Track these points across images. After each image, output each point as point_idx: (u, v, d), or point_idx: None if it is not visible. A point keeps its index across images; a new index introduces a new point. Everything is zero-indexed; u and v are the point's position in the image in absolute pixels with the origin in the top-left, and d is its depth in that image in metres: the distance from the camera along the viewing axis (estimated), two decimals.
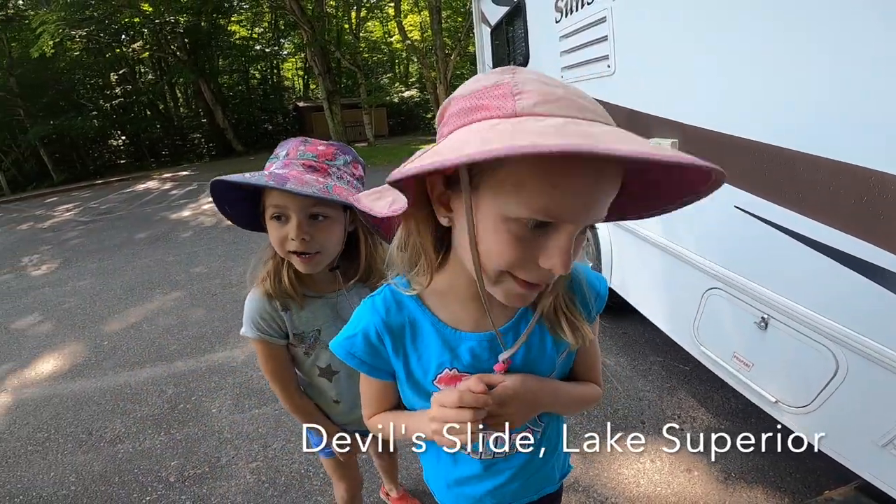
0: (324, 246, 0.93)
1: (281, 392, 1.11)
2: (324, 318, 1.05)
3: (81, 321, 3.98)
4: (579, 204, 0.45)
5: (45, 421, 2.61)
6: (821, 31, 1.23)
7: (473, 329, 0.67)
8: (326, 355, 1.08)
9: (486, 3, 4.96)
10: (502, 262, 0.50)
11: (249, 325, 1.02)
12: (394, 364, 0.71)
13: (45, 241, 7.47)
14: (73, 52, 17.61)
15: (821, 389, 1.38)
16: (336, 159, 0.93)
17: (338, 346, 0.72)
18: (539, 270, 0.50)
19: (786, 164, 1.36)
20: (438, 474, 0.86)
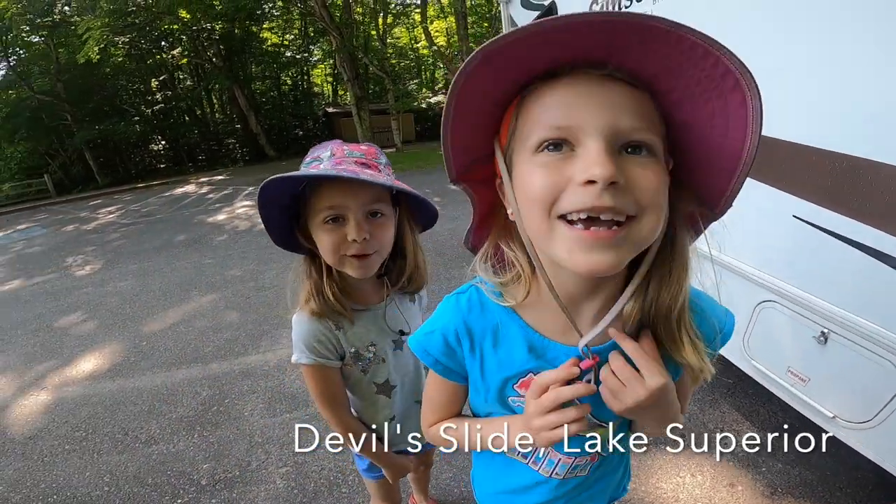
0: (381, 245, 0.91)
1: (333, 416, 1.04)
2: (376, 330, 1.02)
3: (122, 321, 4.12)
4: (586, 110, 0.46)
5: (83, 420, 2.69)
6: (880, 32, 1.15)
7: (564, 340, 0.63)
8: (384, 370, 1.05)
9: (516, 8, 4.91)
10: (537, 193, 0.48)
11: (303, 350, 0.95)
12: (468, 366, 0.70)
13: (90, 242, 7.81)
14: (116, 58, 18.46)
15: (884, 405, 1.33)
16: (380, 157, 0.92)
17: (415, 341, 0.72)
18: (583, 191, 0.45)
19: (847, 170, 1.28)
20: (488, 481, 0.85)
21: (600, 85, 0.47)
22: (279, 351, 3.19)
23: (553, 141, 0.47)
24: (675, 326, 0.58)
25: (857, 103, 1.25)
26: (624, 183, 0.45)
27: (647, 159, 0.47)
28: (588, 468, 0.74)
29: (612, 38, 0.44)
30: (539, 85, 0.50)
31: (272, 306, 4.02)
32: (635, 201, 0.47)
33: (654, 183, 0.47)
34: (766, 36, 1.54)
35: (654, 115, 0.49)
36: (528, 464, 0.75)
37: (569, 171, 0.46)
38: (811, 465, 1.84)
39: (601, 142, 0.45)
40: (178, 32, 18.20)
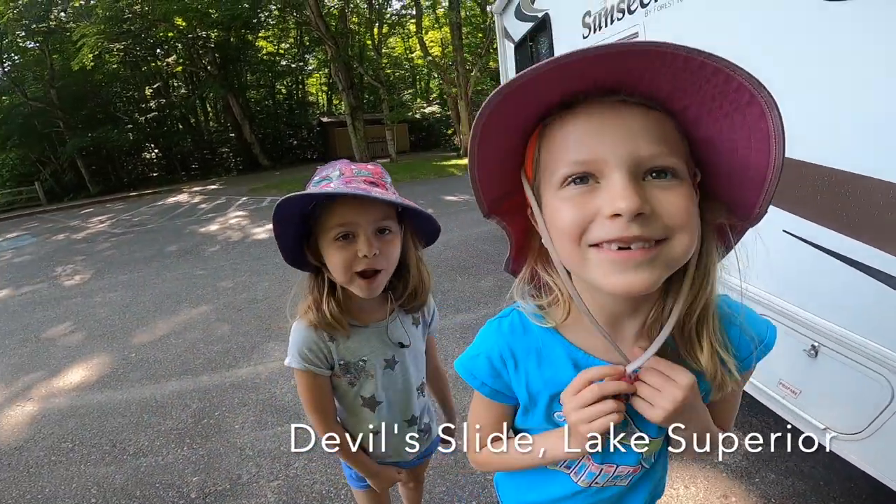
0: (389, 261, 0.93)
1: (320, 423, 1.07)
2: (370, 348, 1.04)
3: (111, 332, 4.07)
4: (606, 142, 0.47)
5: (70, 431, 2.64)
6: (875, 47, 1.18)
7: (608, 358, 0.64)
8: (371, 385, 1.06)
9: (510, 19, 4.98)
10: (566, 228, 0.51)
11: (295, 356, 1.00)
12: (514, 387, 0.71)
13: (79, 251, 7.74)
14: (111, 65, 18.43)
15: (875, 417, 1.34)
16: (385, 177, 0.94)
17: (461, 365, 0.74)
18: (610, 223, 0.47)
19: (837, 186, 1.30)
20: (518, 489, 0.85)
21: (616, 112, 0.48)
22: (270, 364, 3.16)
23: (577, 175, 0.49)
24: (694, 332, 0.58)
25: (846, 118, 1.28)
26: (650, 210, 0.47)
27: (671, 182, 0.48)
28: (629, 479, 0.74)
29: (620, 65, 0.45)
30: (557, 116, 0.51)
31: (264, 318, 3.99)
32: (664, 226, 0.48)
33: (681, 206, 0.48)
34: (752, 50, 1.57)
35: (674, 134, 0.50)
36: (568, 473, 0.75)
37: (595, 203, 0.48)
38: (804, 476, 1.84)
39: (624, 173, 0.46)
40: (173, 40, 18.24)
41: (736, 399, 0.73)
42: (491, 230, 6.24)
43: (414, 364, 1.11)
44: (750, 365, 0.64)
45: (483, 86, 20.49)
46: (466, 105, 16.43)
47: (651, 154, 0.47)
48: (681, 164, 0.49)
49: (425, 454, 1.30)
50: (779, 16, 1.46)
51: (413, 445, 1.18)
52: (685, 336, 0.59)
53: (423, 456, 1.31)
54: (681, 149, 0.50)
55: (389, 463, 1.21)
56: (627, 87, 0.47)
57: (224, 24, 16.84)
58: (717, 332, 0.59)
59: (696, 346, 0.58)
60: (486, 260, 5.02)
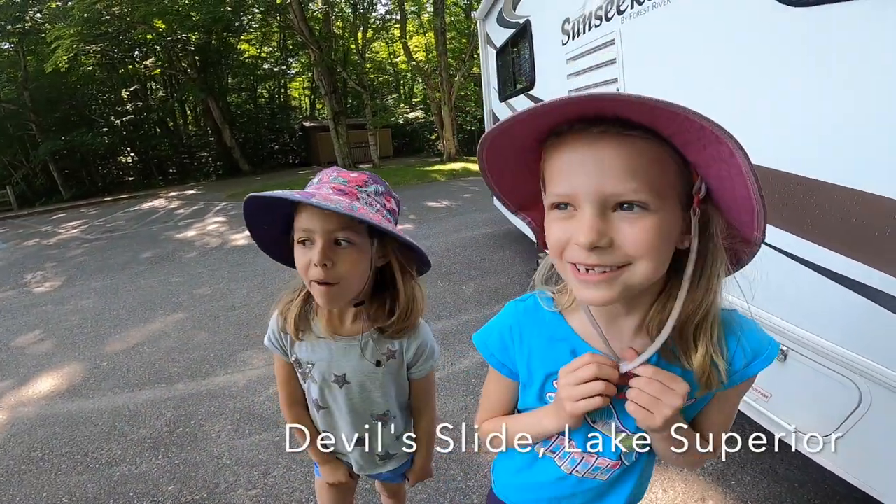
0: (345, 276, 0.88)
1: (282, 400, 1.15)
2: (318, 357, 1.03)
3: (82, 340, 3.95)
4: (580, 178, 0.54)
5: (40, 440, 2.56)
6: (832, 55, 1.22)
7: (601, 347, 0.69)
8: (315, 389, 1.06)
9: (492, 25, 5.03)
10: (552, 243, 0.60)
11: (267, 336, 1.08)
12: (518, 362, 0.78)
13: (50, 258, 7.50)
14: (86, 68, 17.95)
15: (843, 420, 1.36)
16: (367, 186, 0.91)
17: (477, 337, 0.82)
18: (577, 248, 0.55)
19: (802, 192, 1.34)
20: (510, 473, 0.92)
21: (593, 148, 0.53)
22: (248, 371, 3.11)
23: (560, 204, 0.58)
24: (691, 334, 0.63)
25: (806, 126, 1.32)
26: (608, 242, 0.54)
27: (637, 215, 0.53)
28: (608, 474, 0.79)
29: (594, 106, 0.51)
30: (553, 140, 0.58)
31: (242, 326, 3.92)
32: (624, 254, 0.54)
33: (641, 238, 0.53)
34: (724, 53, 1.61)
35: (656, 163, 0.53)
36: (553, 458, 0.81)
37: (571, 228, 0.56)
38: (779, 478, 1.87)
39: (592, 208, 0.53)
40: (151, 42, 17.87)
41: (730, 410, 0.75)
42: (473, 236, 6.26)
43: (370, 391, 1.05)
44: (744, 376, 0.68)
45: (466, 91, 20.62)
46: (450, 110, 16.51)
47: (618, 192, 0.52)
48: (650, 196, 0.53)
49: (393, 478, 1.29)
50: (744, 21, 1.51)
51: (362, 459, 1.16)
52: (683, 337, 0.64)
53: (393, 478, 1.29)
54: (661, 176, 0.54)
55: (346, 462, 1.22)
56: (608, 116, 0.52)
57: (205, 27, 16.57)
58: (714, 337, 0.64)
59: (692, 348, 0.63)
60: (469, 266, 5.02)
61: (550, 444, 0.81)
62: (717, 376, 0.64)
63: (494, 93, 5.30)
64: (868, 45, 1.13)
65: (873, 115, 1.15)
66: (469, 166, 15.05)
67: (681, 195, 0.56)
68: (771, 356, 0.68)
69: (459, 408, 2.51)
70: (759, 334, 0.69)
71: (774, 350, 0.69)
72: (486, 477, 2.00)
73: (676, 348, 0.65)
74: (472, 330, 3.15)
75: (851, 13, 1.15)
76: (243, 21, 18.20)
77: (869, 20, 1.11)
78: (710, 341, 0.63)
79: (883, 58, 1.10)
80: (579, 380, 0.64)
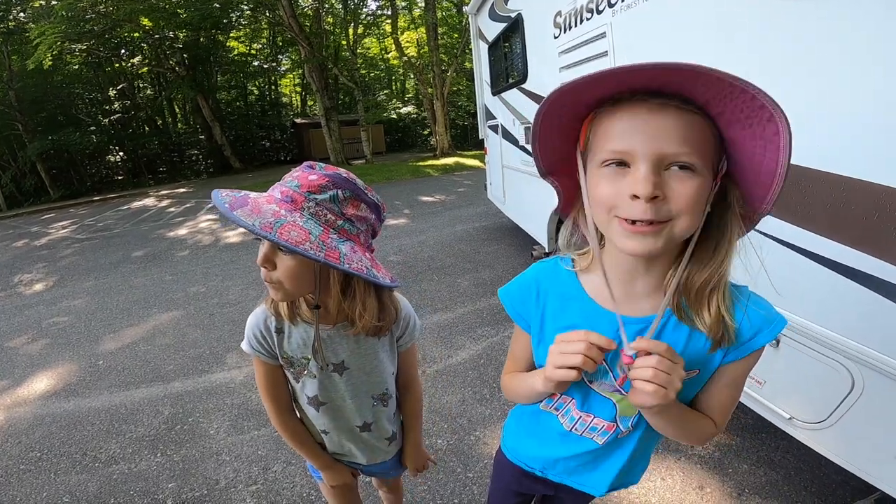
0: (284, 279, 0.86)
1: (270, 410, 1.10)
2: (313, 349, 1.00)
3: (76, 340, 3.92)
4: (639, 138, 0.59)
5: (37, 440, 2.55)
6: (822, 44, 1.23)
7: (610, 307, 0.73)
8: (313, 385, 1.04)
9: (483, 20, 5.02)
10: (602, 199, 0.64)
11: (246, 339, 1.02)
12: (533, 315, 0.83)
13: (41, 258, 7.41)
14: (72, 66, 17.66)
15: (836, 405, 1.37)
16: (321, 193, 0.82)
17: (503, 290, 0.88)
18: (632, 204, 0.60)
19: (794, 180, 1.35)
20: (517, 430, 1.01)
21: (652, 114, 0.58)
22: (245, 368, 3.11)
23: (615, 160, 0.62)
24: (706, 298, 0.69)
25: (801, 114, 1.33)
26: (663, 196, 0.59)
27: (685, 174, 0.59)
28: (604, 437, 0.84)
29: (661, 76, 0.56)
30: (608, 108, 0.62)
31: (238, 323, 3.91)
32: (669, 210, 0.60)
33: (689, 195, 0.59)
34: (712, 46, 1.63)
35: (703, 135, 0.59)
36: (557, 415, 0.87)
37: (624, 184, 0.61)
38: (775, 465, 1.90)
39: (648, 165, 0.58)
40: (138, 40, 17.60)
41: (736, 385, 0.77)
42: (467, 230, 6.27)
43: (368, 373, 1.07)
44: (750, 348, 0.71)
45: (459, 86, 20.56)
46: (442, 105, 16.45)
47: (674, 153, 0.58)
48: (699, 161, 0.59)
49: (391, 470, 1.29)
50: (733, 11, 1.52)
51: (368, 448, 1.16)
52: (699, 298, 0.69)
53: (389, 471, 1.30)
54: (705, 148, 0.60)
55: (346, 462, 1.21)
56: (670, 91, 0.58)
57: (193, 25, 16.36)
58: (726, 300, 0.69)
59: (706, 308, 0.68)
60: (463, 259, 5.04)
61: (554, 402, 0.87)
62: (727, 334, 0.69)
63: (487, 87, 5.29)
64: (852, 35, 1.15)
65: (860, 104, 1.16)
66: (462, 161, 15.03)
67: (714, 165, 0.62)
68: (776, 329, 0.71)
69: (457, 400, 2.53)
70: (765, 308, 0.72)
71: (780, 324, 0.71)
72: (485, 468, 2.02)
73: (690, 310, 0.70)
74: (468, 323, 3.20)
75: (839, 3, 1.17)
76: (232, 18, 17.98)
77: (850, 9, 1.13)
78: (723, 303, 0.68)
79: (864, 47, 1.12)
80: (567, 350, 0.68)
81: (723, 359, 0.72)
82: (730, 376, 0.74)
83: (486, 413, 2.40)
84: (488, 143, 5.51)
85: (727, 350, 0.71)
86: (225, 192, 0.81)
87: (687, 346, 0.72)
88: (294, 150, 23.65)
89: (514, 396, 0.92)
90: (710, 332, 0.68)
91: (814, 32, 1.25)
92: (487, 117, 5.37)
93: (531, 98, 3.67)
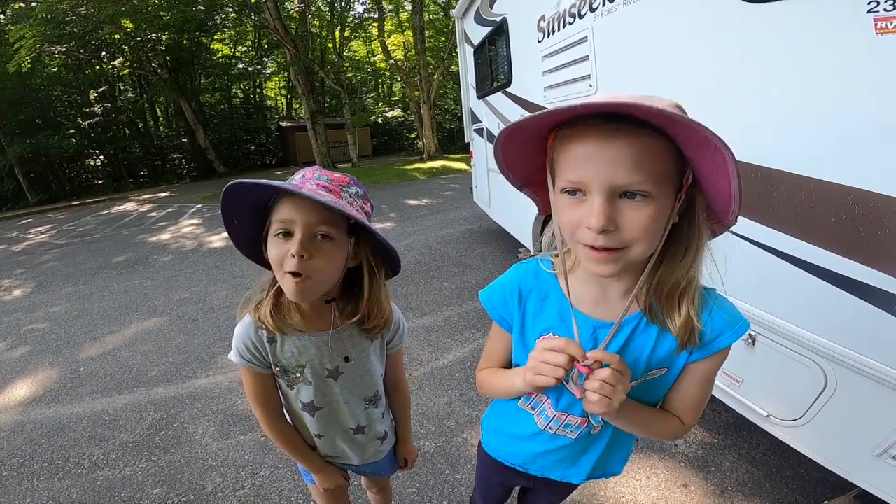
0: (321, 271, 0.88)
1: (262, 418, 1.09)
2: (308, 356, 1.01)
3: (56, 347, 3.84)
4: (592, 169, 0.61)
5: (19, 446, 2.50)
6: (795, 50, 1.28)
7: (585, 311, 0.78)
8: (308, 391, 1.05)
9: (469, 23, 5.06)
10: (564, 224, 0.68)
11: (235, 350, 1.01)
12: (515, 317, 0.86)
13: (19, 264, 7.23)
14: (51, 69, 17.28)
15: (811, 403, 1.40)
16: (349, 187, 0.91)
17: (483, 294, 0.91)
18: (587, 231, 0.63)
19: (766, 182, 1.40)
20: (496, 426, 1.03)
21: (606, 141, 0.60)
22: (230, 373, 3.08)
23: (571, 189, 0.65)
24: (676, 300, 0.72)
25: (776, 118, 1.37)
26: (615, 227, 0.62)
27: (639, 203, 0.61)
28: (577, 431, 0.87)
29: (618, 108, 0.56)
30: (566, 129, 0.64)
31: (222, 328, 3.87)
32: (625, 238, 0.63)
33: (642, 224, 0.62)
34: (689, 50, 1.67)
35: (659, 157, 0.60)
36: (532, 413, 0.90)
37: (582, 211, 0.64)
38: (757, 463, 1.94)
39: (600, 197, 0.61)
40: (120, 42, 17.33)
41: (704, 384, 0.80)
42: (453, 233, 6.29)
43: (361, 376, 1.09)
44: (713, 349, 0.75)
45: (446, 89, 20.61)
46: (429, 108, 16.47)
47: (626, 182, 0.60)
48: (653, 187, 0.60)
49: (382, 469, 1.31)
50: (709, 17, 1.57)
51: (361, 449, 1.18)
52: (669, 301, 0.72)
53: (381, 470, 1.31)
54: (662, 169, 0.61)
55: (339, 464, 1.22)
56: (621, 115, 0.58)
57: (176, 27, 16.13)
58: (695, 303, 0.73)
59: (676, 310, 0.72)
60: (449, 262, 5.06)
61: (531, 401, 0.90)
62: (694, 336, 0.72)
63: (472, 90, 5.33)
64: (831, 39, 1.20)
65: (830, 108, 1.21)
66: (449, 164, 15.06)
67: (675, 181, 0.64)
68: (738, 332, 0.74)
69: (444, 402, 2.54)
70: (729, 312, 0.75)
71: (743, 328, 0.75)
72: (473, 469, 2.03)
73: (660, 312, 0.73)
74: (455, 326, 3.20)
75: (813, 6, 1.21)
76: (216, 20, 17.80)
77: (831, 15, 1.18)
78: (692, 305, 0.72)
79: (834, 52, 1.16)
80: (548, 360, 0.70)
81: (688, 358, 0.76)
82: (696, 375, 0.78)
83: (473, 415, 2.42)
84: (474, 147, 5.55)
85: (692, 350, 0.75)
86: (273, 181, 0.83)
87: (656, 347, 0.76)
88: (279, 153, 23.49)
89: (491, 392, 0.94)
90: (678, 333, 0.72)
91: (797, 36, 1.27)
92: (473, 121, 5.41)
93: (516, 102, 3.71)
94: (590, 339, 0.77)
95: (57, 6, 12.36)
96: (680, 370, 0.78)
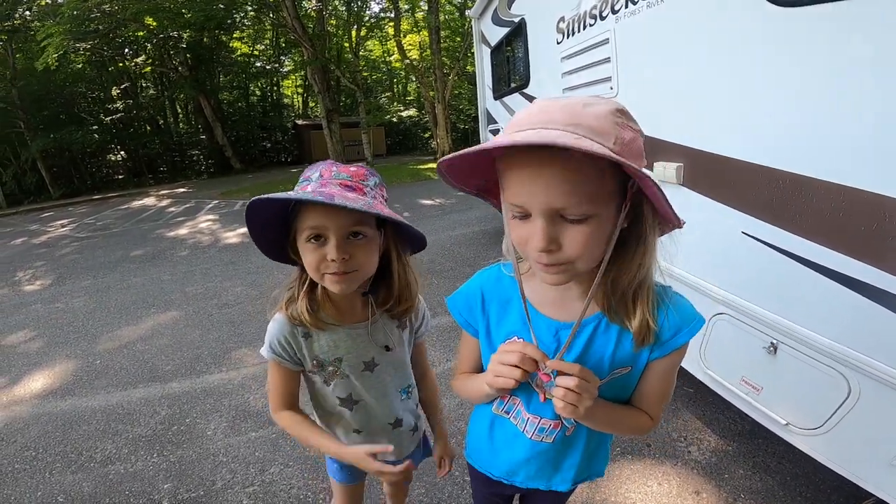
0: (361, 265, 0.91)
1: (276, 409, 1.09)
2: (346, 348, 1.03)
3: (74, 339, 3.92)
4: (531, 194, 0.62)
5: (33, 439, 2.54)
6: (822, 53, 1.24)
7: (547, 313, 0.81)
8: (345, 385, 1.06)
9: (486, 24, 5.04)
10: (515, 240, 0.70)
11: (267, 345, 1.02)
12: (480, 323, 0.89)
13: (39, 256, 7.41)
14: (75, 65, 17.68)
15: (832, 412, 1.38)
16: (368, 180, 0.92)
17: (449, 298, 0.92)
18: (533, 248, 0.65)
19: (793, 188, 1.36)
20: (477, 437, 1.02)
21: (542, 166, 0.60)
22: (243, 369, 3.10)
23: (517, 212, 0.67)
24: (630, 299, 0.74)
25: (803, 122, 1.34)
26: (557, 246, 0.64)
27: (579, 224, 0.63)
28: (553, 435, 0.87)
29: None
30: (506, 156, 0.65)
31: (236, 324, 3.91)
32: (568, 255, 0.65)
33: (582, 242, 0.64)
34: (711, 54, 1.63)
35: (595, 175, 0.61)
36: (510, 419, 0.91)
37: (528, 231, 0.66)
38: (771, 471, 1.90)
39: (541, 220, 0.63)
40: (142, 40, 17.66)
41: (666, 380, 0.82)
42: (467, 234, 6.28)
43: (395, 367, 1.10)
44: (672, 346, 0.76)
45: (460, 89, 20.58)
46: (444, 109, 16.46)
47: (561, 206, 0.61)
48: (590, 207, 0.62)
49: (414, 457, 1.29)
50: (735, 20, 1.53)
51: (398, 443, 1.17)
52: (624, 301, 0.74)
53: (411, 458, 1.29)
54: (599, 188, 0.62)
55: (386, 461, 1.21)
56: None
57: (197, 25, 16.38)
58: (649, 303, 0.74)
59: (631, 310, 0.74)
60: (462, 263, 5.04)
61: (504, 405, 0.92)
62: (650, 335, 0.74)
63: (489, 91, 5.31)
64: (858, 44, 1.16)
65: (856, 113, 1.17)
66: None
67: (618, 193, 0.65)
68: (694, 329, 0.76)
69: (455, 404, 2.53)
70: (686, 309, 0.77)
71: (698, 324, 0.77)
72: None
73: (619, 312, 0.75)
74: None
75: (838, 13, 1.17)
76: (236, 19, 18.04)
77: (853, 20, 1.14)
78: (646, 306, 0.74)
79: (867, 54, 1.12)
80: (504, 361, 0.72)
81: (649, 356, 0.78)
82: (657, 372, 0.80)
83: None
84: None
85: (651, 347, 0.76)
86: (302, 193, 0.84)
87: (618, 346, 0.77)
88: (295, 151, 23.70)
89: (466, 396, 0.96)
90: (636, 331, 0.74)
91: (822, 40, 1.24)
92: (489, 121, 5.38)
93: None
94: (553, 340, 0.79)
95: (83, 4, 12.63)
96: (643, 368, 0.80)
